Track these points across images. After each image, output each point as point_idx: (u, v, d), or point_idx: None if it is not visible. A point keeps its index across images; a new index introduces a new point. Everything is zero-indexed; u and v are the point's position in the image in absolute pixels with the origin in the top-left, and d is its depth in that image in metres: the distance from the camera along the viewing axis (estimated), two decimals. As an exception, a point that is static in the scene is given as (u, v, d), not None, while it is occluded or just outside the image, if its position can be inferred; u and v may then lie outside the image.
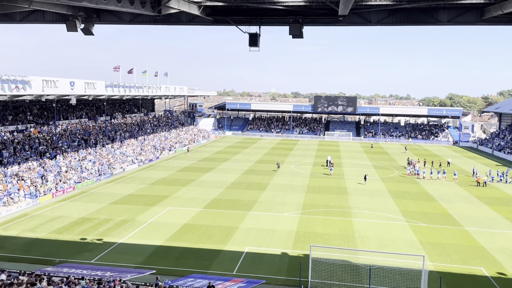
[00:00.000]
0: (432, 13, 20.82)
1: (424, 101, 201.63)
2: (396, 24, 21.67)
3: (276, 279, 21.41)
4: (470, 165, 58.06)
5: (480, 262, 23.99)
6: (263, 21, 22.28)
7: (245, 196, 38.22)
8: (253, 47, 22.36)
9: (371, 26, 22.16)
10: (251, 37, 22.16)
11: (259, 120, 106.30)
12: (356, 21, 21.63)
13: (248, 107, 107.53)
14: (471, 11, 20.51)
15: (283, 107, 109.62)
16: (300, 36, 21.51)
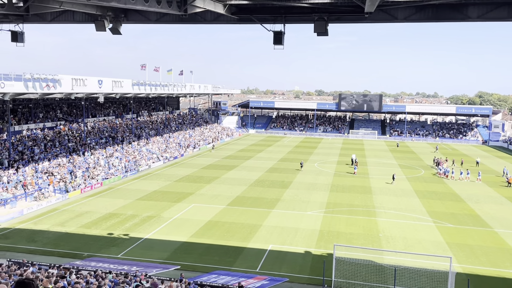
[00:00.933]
0: (462, 8, 20.26)
1: (452, 99, 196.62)
2: (424, 21, 21.19)
3: (299, 278, 21.39)
4: (500, 165, 56.32)
5: (510, 265, 23.30)
6: (288, 19, 22.18)
7: (268, 194, 38.28)
8: (278, 45, 22.28)
9: (398, 22, 21.76)
10: (275, 35, 22.10)
11: (283, 118, 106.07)
12: (383, 18, 21.26)
13: (272, 105, 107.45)
14: (503, 7, 19.84)
15: (307, 105, 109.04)
16: (325, 34, 21.32)
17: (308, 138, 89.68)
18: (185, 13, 21.02)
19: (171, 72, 66.43)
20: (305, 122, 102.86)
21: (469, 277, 20.48)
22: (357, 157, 56.50)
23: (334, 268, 20.79)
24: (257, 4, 22.06)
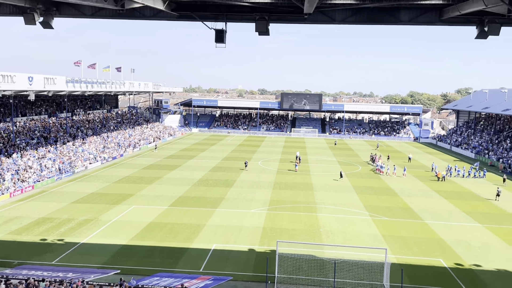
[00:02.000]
0: (394, 12, 21.35)
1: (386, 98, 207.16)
2: (360, 23, 22.07)
3: (243, 275, 21.47)
4: (430, 161, 60.24)
5: (439, 254, 24.98)
6: (229, 17, 22.14)
7: (212, 193, 38.04)
8: (220, 43, 22.17)
9: (336, 24, 22.49)
10: (217, 33, 21.97)
11: (226, 117, 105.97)
12: (321, 19, 21.87)
13: (215, 104, 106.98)
14: (431, 12, 21.18)
15: (250, 104, 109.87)
16: (266, 33, 21.55)
17: (252, 137, 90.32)
18: (122, 8, 20.26)
19: (108, 69, 63.89)
20: (249, 121, 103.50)
21: (403, 267, 21.69)
22: (300, 155, 58.50)
23: (277, 264, 21.11)
24: (198, 2, 21.80)
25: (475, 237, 28.10)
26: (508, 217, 33.33)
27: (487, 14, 19.43)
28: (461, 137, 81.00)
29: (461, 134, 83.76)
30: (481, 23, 19.82)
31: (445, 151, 74.99)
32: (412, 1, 19.42)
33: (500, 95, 76.99)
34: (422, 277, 21.81)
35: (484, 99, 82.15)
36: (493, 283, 21.37)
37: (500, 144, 66.69)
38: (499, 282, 21.53)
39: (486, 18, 19.51)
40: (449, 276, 22.07)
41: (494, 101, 77.25)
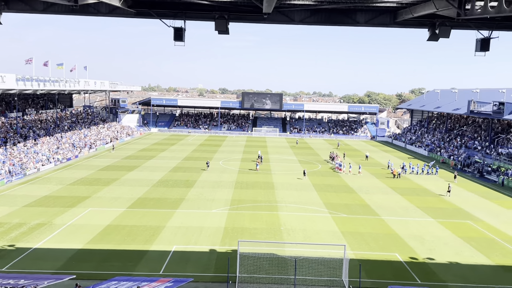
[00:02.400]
0: (351, 14, 21.88)
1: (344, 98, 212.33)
2: (318, 24, 22.44)
3: (204, 276, 21.27)
4: (386, 158, 62.29)
5: (395, 249, 25.84)
6: (188, 15, 21.88)
7: (172, 194, 37.45)
8: (178, 41, 21.87)
9: (295, 24, 22.74)
10: (176, 31, 21.65)
11: (187, 116, 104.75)
12: (281, 19, 22.06)
13: (175, 103, 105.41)
14: (385, 14, 21.88)
15: (211, 103, 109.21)
16: (226, 32, 21.48)
17: (213, 136, 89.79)
18: (76, 4, 19.51)
19: (62, 66, 61.28)
20: (210, 120, 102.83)
21: (361, 262, 22.25)
22: (262, 154, 59.11)
23: (239, 264, 21.09)
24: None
25: (428, 232, 29.30)
26: (458, 211, 35.01)
27: (438, 17, 20.29)
28: (415, 136, 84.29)
29: (415, 132, 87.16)
30: (433, 25, 20.66)
31: (400, 149, 77.78)
32: (368, 3, 19.95)
33: (451, 95, 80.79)
34: (379, 272, 22.47)
35: (436, 99, 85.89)
36: (444, 275, 22.35)
37: (451, 142, 69.99)
38: (450, 273, 22.55)
39: (437, 21, 20.37)
40: (404, 269, 22.88)
41: (445, 100, 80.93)
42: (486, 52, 20.38)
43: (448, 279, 21.78)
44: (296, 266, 20.50)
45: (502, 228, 30.74)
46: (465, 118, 76.04)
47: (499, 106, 56.71)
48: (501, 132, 62.71)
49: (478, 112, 62.73)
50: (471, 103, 63.70)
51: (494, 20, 20.16)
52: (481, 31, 20.30)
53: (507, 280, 22.09)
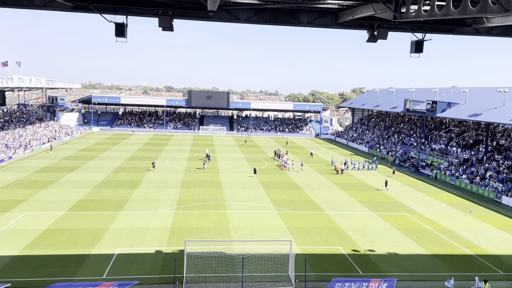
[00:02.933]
0: (295, 14, 22.32)
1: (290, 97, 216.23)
2: (263, 23, 22.67)
3: (150, 278, 20.82)
4: (330, 155, 64.29)
5: (338, 242, 26.78)
6: (130, 11, 21.21)
7: (115, 195, 36.23)
8: (120, 37, 21.16)
9: (241, 23, 22.82)
10: (117, 27, 20.92)
11: (130, 115, 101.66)
12: (226, 18, 22.02)
13: (118, 101, 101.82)
14: (328, 15, 22.55)
15: (156, 101, 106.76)
16: (170, 29, 21.09)
17: (158, 135, 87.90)
18: (7, -6, 18.27)
19: (-7, 62, 57.21)
20: (155, 119, 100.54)
21: (306, 257, 22.83)
22: (209, 152, 58.91)
23: (186, 264, 20.87)
24: (95, -8, 20.53)
25: (369, 225, 30.65)
26: (396, 205, 36.94)
27: (376, 20, 21.23)
28: (356, 133, 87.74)
29: (356, 130, 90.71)
30: (372, 27, 21.58)
31: (342, 146, 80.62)
32: (310, 4, 20.45)
33: (389, 94, 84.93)
34: (323, 265, 23.18)
35: (375, 97, 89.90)
36: (384, 265, 23.51)
37: (389, 139, 73.62)
38: (389, 264, 23.76)
39: (376, 23, 21.31)
40: (347, 262, 23.78)
41: (383, 99, 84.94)
42: (420, 54, 21.62)
43: (388, 269, 22.93)
44: (243, 263, 20.62)
45: (436, 219, 32.86)
46: (402, 116, 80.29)
47: (432, 104, 60.45)
48: (434, 129, 66.94)
49: (413, 110, 66.46)
50: (407, 101, 67.33)
51: (427, 23, 21.45)
52: (416, 33, 21.52)
53: (440, 267, 23.66)
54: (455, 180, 47.71)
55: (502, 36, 22.46)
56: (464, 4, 15.09)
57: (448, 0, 15.71)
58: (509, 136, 51.80)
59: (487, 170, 46.22)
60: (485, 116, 50.52)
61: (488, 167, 46.70)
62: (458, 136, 59.43)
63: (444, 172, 50.66)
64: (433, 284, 21.42)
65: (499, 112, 49.63)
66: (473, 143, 55.11)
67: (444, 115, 59.18)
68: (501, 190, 41.42)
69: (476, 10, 14.73)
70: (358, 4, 19.72)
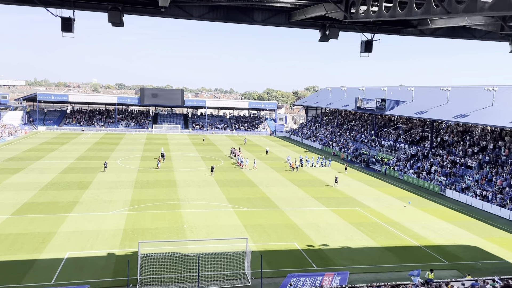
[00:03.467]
0: (249, 12, 22.33)
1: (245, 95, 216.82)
2: (217, 20, 22.48)
3: (102, 282, 20.13)
4: (285, 153, 65.12)
5: (293, 238, 27.19)
6: (77, 5, 20.31)
7: (64, 197, 34.71)
8: (67, 32, 20.23)
9: (194, 20, 22.50)
10: (63, 21, 19.97)
11: (79, 113, 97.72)
12: (179, 14, 21.64)
13: (65, 99, 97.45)
14: (281, 14, 22.75)
15: (107, 99, 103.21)
16: (120, 25, 20.42)
17: (109, 134, 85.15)
18: None
19: None
20: (106, 117, 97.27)
21: (262, 254, 22.99)
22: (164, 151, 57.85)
23: (139, 266, 20.38)
24: (39, -16, 19.50)
25: (323, 220, 31.37)
26: (348, 200, 38.05)
27: (328, 19, 21.68)
28: (310, 131, 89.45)
29: (310, 127, 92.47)
30: (323, 27, 22.03)
31: (297, 143, 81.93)
32: (263, 2, 20.56)
33: (341, 92, 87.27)
34: (279, 261, 23.45)
35: (328, 96, 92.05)
36: (337, 259, 24.14)
37: (342, 136, 75.69)
38: (342, 257, 24.44)
39: (327, 22, 21.76)
40: (302, 257, 24.20)
41: (336, 97, 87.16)
42: (369, 53, 22.34)
43: (341, 263, 23.57)
44: (199, 262, 20.44)
45: (385, 213, 34.19)
46: (353, 113, 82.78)
47: (381, 102, 62.80)
48: (384, 126, 69.59)
49: (364, 108, 68.74)
50: (358, 100, 69.55)
51: (376, 24, 22.20)
52: (365, 33, 22.20)
53: (390, 259, 24.64)
54: (403, 175, 49.87)
55: (445, 37, 23.68)
56: (409, 6, 15.75)
57: (395, 2, 16.33)
58: (452, 132, 54.85)
59: (432, 165, 48.68)
60: (430, 113, 53.16)
61: (433, 162, 49.21)
62: (406, 133, 62.16)
63: (393, 168, 52.81)
64: (384, 275, 22.27)
65: (443, 110, 52.42)
66: (420, 139, 57.84)
67: (393, 113, 61.67)
68: (445, 184, 43.77)
69: (420, 12, 15.42)
70: (310, 3, 20.05)
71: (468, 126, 53.70)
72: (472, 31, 22.96)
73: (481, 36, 23.03)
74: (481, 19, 18.84)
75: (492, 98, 46.86)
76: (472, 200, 38.97)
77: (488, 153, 45.54)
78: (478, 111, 46.83)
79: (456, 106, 51.06)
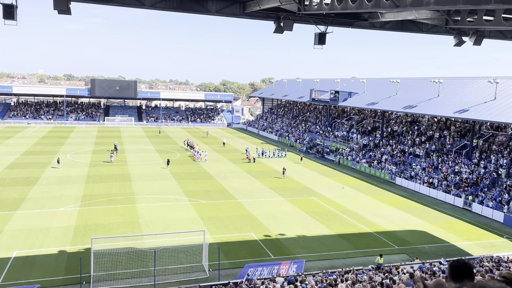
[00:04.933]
0: (202, 2, 21.97)
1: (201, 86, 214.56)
2: (170, 10, 21.97)
3: (53, 281, 19.39)
4: (242, 144, 65.23)
5: (251, 229, 27.40)
6: (19, -10, 19.14)
7: (9, 194, 32.94)
8: (9, 20, 19.02)
9: (146, 9, 21.87)
10: (5, 8, 18.75)
11: (25, 106, 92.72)
12: (129, 3, 20.94)
13: (9, 91, 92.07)
14: (235, 4, 22.59)
15: (55, 90, 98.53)
16: (67, 13, 19.44)
17: (58, 127, 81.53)
18: None
19: None
20: (54, 110, 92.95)
21: (220, 245, 23.02)
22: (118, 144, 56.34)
23: (93, 263, 19.79)
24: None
25: (279, 210, 31.82)
26: (304, 189, 38.80)
27: (282, 11, 21.79)
28: (266, 122, 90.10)
29: (266, 119, 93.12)
30: (278, 19, 22.11)
31: (254, 135, 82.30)
32: (218, -8, 20.31)
33: (296, 84, 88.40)
34: (237, 252, 23.59)
35: (284, 87, 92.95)
36: (293, 248, 24.63)
37: (297, 127, 76.86)
38: (298, 246, 24.95)
39: (282, 14, 21.86)
40: (260, 247, 24.47)
41: (291, 89, 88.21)
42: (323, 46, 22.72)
43: (297, 251, 24.06)
44: (155, 257, 20.13)
45: (339, 201, 35.21)
46: (308, 105, 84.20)
47: (335, 94, 64.29)
48: (337, 117, 71.36)
49: (318, 99, 70.09)
50: (313, 91, 70.78)
51: (329, 17, 22.57)
52: (319, 26, 22.54)
53: (343, 246, 25.45)
54: (356, 164, 51.50)
55: (394, 31, 24.50)
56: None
57: (346, -5, 16.66)
58: (401, 122, 57.19)
59: (383, 154, 50.59)
60: (380, 104, 55.09)
61: (384, 152, 51.15)
62: (358, 124, 64.10)
63: (346, 157, 54.38)
64: (338, 261, 22.98)
65: (393, 101, 54.48)
66: (371, 129, 59.86)
67: (346, 104, 63.33)
68: (395, 172, 45.68)
69: (371, 5, 15.84)
70: (265, -6, 20.04)
71: (416, 117, 56.19)
72: (419, 25, 23.91)
73: (427, 30, 24.04)
74: (428, 13, 19.65)
75: (438, 90, 49.25)
76: (420, 187, 40.96)
77: (434, 142, 47.96)
78: (425, 102, 49.09)
79: (405, 97, 53.22)
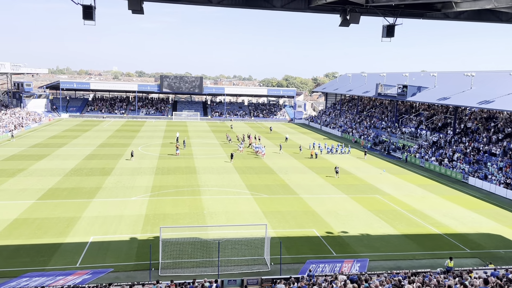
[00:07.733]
0: (268, -2, 22.06)
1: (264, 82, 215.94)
2: (236, 6, 22.31)
3: (125, 266, 20.65)
4: (304, 140, 64.84)
5: (312, 225, 27.23)
6: (98, -8, 20.44)
7: (87, 183, 35.53)
8: (88, 20, 20.42)
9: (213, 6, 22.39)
10: (85, 9, 20.15)
11: (101, 101, 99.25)
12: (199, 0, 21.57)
13: (87, 87, 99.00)
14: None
15: (127, 86, 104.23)
16: (140, 12, 20.47)
17: (130, 121, 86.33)
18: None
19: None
20: (126, 105, 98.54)
21: (281, 240, 23.13)
22: (181, 138, 58.36)
23: (161, 250, 20.79)
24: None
25: (342, 207, 31.27)
26: (368, 187, 37.75)
27: (349, 4, 21.25)
28: (329, 118, 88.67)
29: (329, 114, 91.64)
30: (344, 11, 21.60)
31: (316, 131, 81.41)
32: (284, -13, 20.26)
33: (361, 78, 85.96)
34: (298, 248, 23.56)
35: (348, 82, 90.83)
36: (356, 246, 24.10)
37: (362, 123, 74.80)
38: (361, 244, 24.38)
39: (348, 7, 21.33)
40: (321, 243, 24.25)
41: (356, 84, 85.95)
42: (391, 38, 21.86)
43: (360, 250, 23.52)
44: (219, 248, 20.71)
45: (405, 200, 33.83)
46: (374, 100, 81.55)
47: (403, 89, 61.63)
48: (405, 113, 68.40)
49: (384, 94, 67.61)
50: (379, 86, 68.40)
51: (398, 8, 21.65)
52: (387, 18, 21.71)
53: (410, 247, 24.46)
54: (425, 162, 49.10)
55: (469, 21, 22.95)
56: (434, -12, 15.28)
57: (418, -15, 15.87)
58: (476, 119, 53.55)
59: (454, 152, 47.75)
60: (453, 99, 51.94)
61: (456, 149, 48.25)
62: (428, 120, 60.99)
63: (414, 155, 52.03)
64: (403, 263, 22.15)
65: (467, 96, 51.14)
66: (442, 126, 56.70)
67: (414, 99, 60.50)
68: (468, 171, 42.95)
69: (445, -5, 14.95)
70: (331, -13, 19.67)
71: (493, 113, 52.32)
72: (498, 14, 22.19)
73: (508, 19, 22.24)
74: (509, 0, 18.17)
75: (519, 84, 45.44)
76: (496, 188, 38.19)
77: (513, 140, 44.37)
78: (503, 97, 45.52)
79: (481, 92, 49.71)
